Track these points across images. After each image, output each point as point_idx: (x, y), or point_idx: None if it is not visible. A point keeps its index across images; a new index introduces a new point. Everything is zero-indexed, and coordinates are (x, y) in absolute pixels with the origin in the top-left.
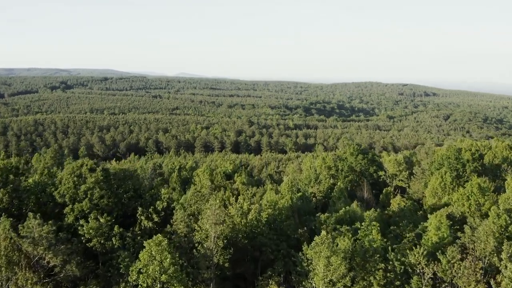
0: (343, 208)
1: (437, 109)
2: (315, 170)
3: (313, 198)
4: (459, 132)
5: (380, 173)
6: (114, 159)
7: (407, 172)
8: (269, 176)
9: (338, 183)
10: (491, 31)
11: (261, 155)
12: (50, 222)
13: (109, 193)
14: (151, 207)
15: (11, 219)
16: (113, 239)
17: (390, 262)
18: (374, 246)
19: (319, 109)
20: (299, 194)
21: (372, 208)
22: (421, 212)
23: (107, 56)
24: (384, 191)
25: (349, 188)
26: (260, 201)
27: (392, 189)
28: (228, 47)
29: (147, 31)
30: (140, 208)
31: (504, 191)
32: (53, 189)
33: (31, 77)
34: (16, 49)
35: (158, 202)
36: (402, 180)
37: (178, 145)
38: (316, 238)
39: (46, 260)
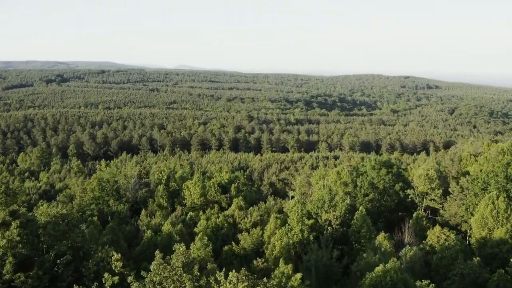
0: (381, 266)
1: (441, 102)
2: (330, 190)
3: (328, 227)
4: (466, 127)
5: (409, 192)
6: (104, 159)
7: (441, 190)
8: (271, 186)
9: (360, 208)
10: (490, 25)
11: (261, 155)
12: None
13: (32, 260)
14: (96, 283)
15: None
16: None
17: None
18: None
19: (321, 102)
20: (311, 221)
21: (408, 246)
22: (477, 259)
23: (106, 49)
24: (414, 215)
25: (369, 207)
26: (261, 238)
27: (422, 210)
28: (228, 47)
29: (146, 24)
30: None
31: None
32: None
33: (26, 70)
34: (15, 41)
35: (106, 276)
36: (434, 200)
37: (173, 142)
38: None
39: None
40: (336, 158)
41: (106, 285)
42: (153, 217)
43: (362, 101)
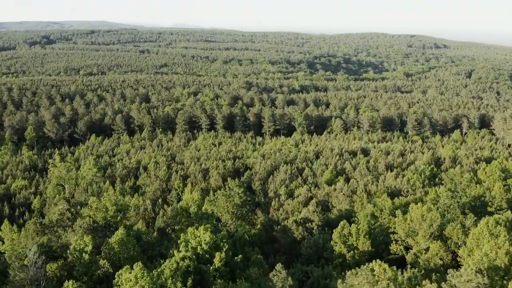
0: None
1: (453, 64)
2: None
3: None
4: (490, 94)
5: None
6: (69, 144)
7: None
8: (286, 233)
9: None
10: None
11: (263, 138)
12: None
13: None
14: None
15: None
16: None
17: None
18: None
19: (324, 63)
20: None
21: None
22: None
23: (102, 8)
24: None
25: None
26: None
27: None
28: (227, 3)
29: None
30: None
31: None
32: None
33: (12, 31)
34: (11, 1)
35: None
36: None
37: (154, 122)
38: None
39: None
40: (365, 153)
41: None
42: None
43: (368, 61)
